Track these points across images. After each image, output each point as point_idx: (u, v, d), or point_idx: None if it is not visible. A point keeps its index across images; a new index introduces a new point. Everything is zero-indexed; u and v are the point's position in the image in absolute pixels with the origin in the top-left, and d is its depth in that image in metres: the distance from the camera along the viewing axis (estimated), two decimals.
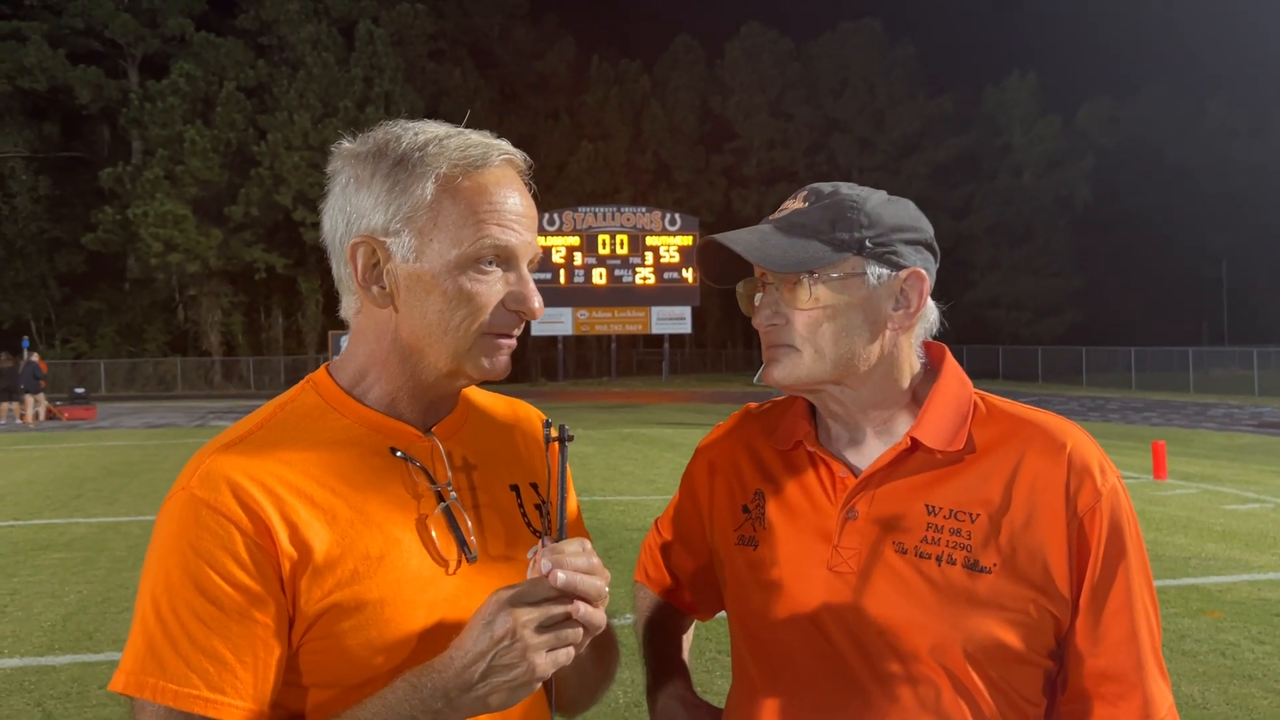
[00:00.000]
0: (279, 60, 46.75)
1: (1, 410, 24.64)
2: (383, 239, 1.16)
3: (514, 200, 1.19)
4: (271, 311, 47.92)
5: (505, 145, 1.20)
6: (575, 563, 1.07)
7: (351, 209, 1.18)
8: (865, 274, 1.26)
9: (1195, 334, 56.15)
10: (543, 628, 1.03)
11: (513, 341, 1.22)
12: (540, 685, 1.09)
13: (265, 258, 44.08)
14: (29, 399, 24.79)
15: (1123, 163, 57.26)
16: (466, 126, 1.22)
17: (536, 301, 1.21)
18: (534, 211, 1.23)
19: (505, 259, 1.18)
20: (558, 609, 1.04)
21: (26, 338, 29.13)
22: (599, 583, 1.08)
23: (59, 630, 6.13)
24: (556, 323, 40.12)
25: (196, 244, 41.87)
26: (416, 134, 1.18)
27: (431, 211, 1.15)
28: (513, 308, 1.19)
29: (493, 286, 1.18)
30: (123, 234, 42.13)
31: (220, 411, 28.59)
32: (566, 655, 1.05)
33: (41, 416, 25.20)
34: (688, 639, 1.63)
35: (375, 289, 1.18)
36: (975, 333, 52.43)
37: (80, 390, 27.62)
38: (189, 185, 42.37)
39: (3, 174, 43.78)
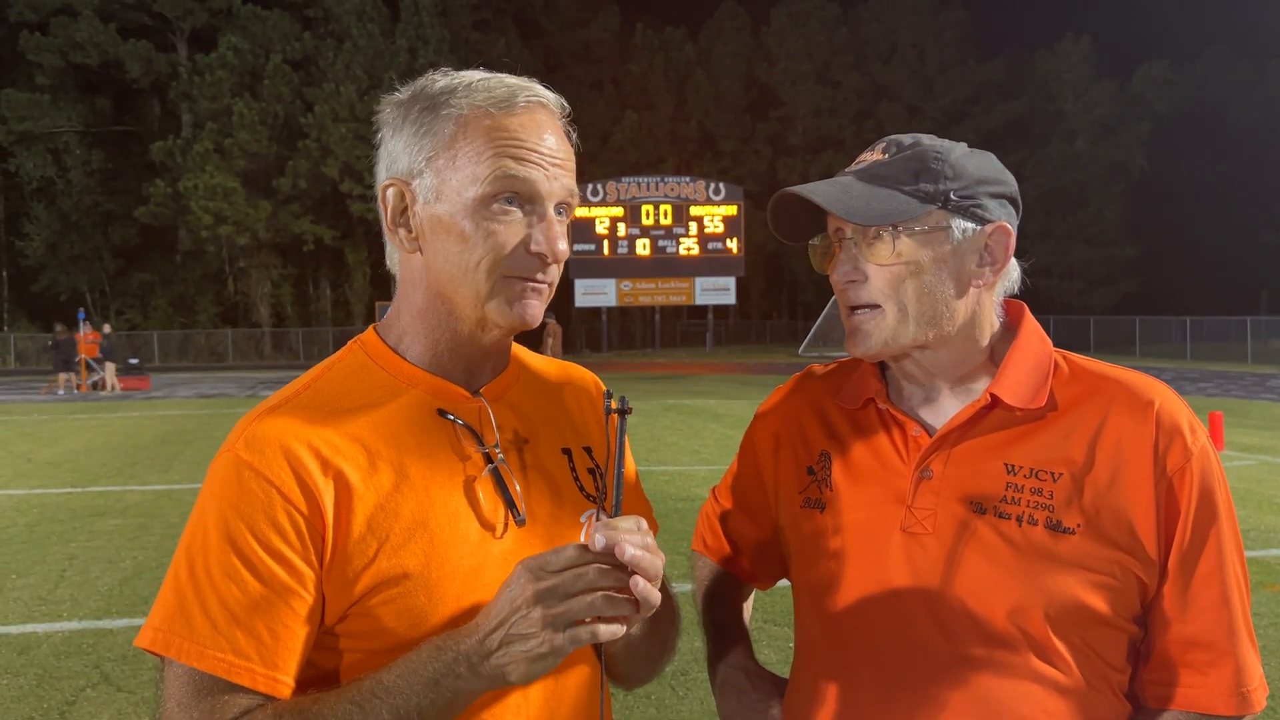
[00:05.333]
0: (325, 32, 46.98)
1: (59, 380, 25.20)
2: (408, 181, 1.15)
3: (538, 138, 1.14)
4: (320, 283, 48.48)
5: (536, 88, 1.17)
6: (631, 539, 1.03)
7: (388, 156, 1.18)
8: (950, 228, 1.21)
9: (1254, 303, 54.76)
10: (562, 599, 0.98)
11: (541, 286, 1.17)
12: (591, 659, 1.03)
13: (313, 229, 44.52)
14: (110, 366, 25.55)
15: (1180, 128, 55.70)
16: None
17: (560, 243, 1.15)
18: (568, 153, 1.18)
19: (527, 197, 1.13)
20: (582, 576, 0.98)
21: (82, 309, 29.70)
22: (658, 562, 1.04)
23: (116, 594, 6.25)
24: (600, 294, 40.10)
25: (245, 216, 42.40)
26: (452, 79, 1.17)
27: (450, 150, 1.13)
28: (534, 250, 1.14)
29: (511, 227, 1.13)
30: (174, 207, 42.77)
31: (271, 382, 28.99)
32: (590, 633, 0.99)
33: (104, 387, 25.79)
34: (748, 608, 1.58)
35: (403, 232, 1.17)
36: (1026, 303, 51.24)
37: (135, 361, 28.11)
38: (238, 158, 42.85)
39: (57, 148, 44.57)
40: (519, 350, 1.32)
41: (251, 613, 1.04)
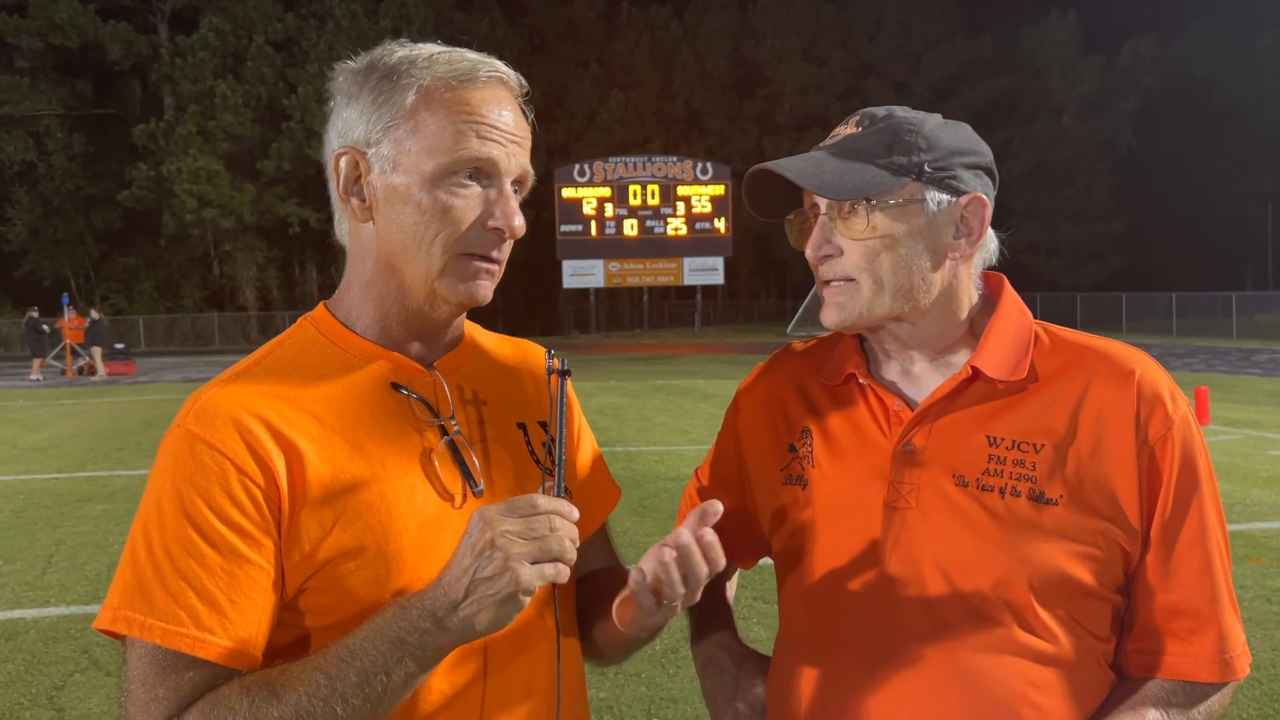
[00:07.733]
0: (307, 13, 46.54)
1: (35, 366, 25.01)
2: (364, 149, 1.14)
3: (498, 115, 1.14)
4: (305, 266, 48.24)
5: (496, 63, 1.16)
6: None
7: (341, 124, 1.17)
8: (925, 200, 1.19)
9: (1240, 278, 55.05)
10: (524, 539, 0.98)
11: (494, 266, 1.16)
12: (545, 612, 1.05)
13: (298, 212, 44.23)
14: (98, 350, 25.27)
15: (1167, 104, 55.78)
16: None
17: (517, 219, 1.15)
18: (525, 131, 1.17)
19: (486, 173, 1.13)
20: (539, 520, 0.99)
21: (66, 294, 29.46)
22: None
23: (103, 579, 6.22)
24: (588, 275, 40.03)
25: (230, 199, 42.08)
26: (410, 50, 1.15)
27: (410, 121, 1.12)
28: (491, 225, 1.14)
29: (470, 202, 1.12)
30: (157, 190, 42.41)
31: None
32: (556, 570, 1.00)
33: (92, 372, 25.57)
34: (731, 586, 1.57)
35: (355, 201, 1.16)
36: (1013, 279, 48.08)
37: (120, 346, 27.90)
38: (221, 140, 42.49)
39: (39, 132, 44.14)
40: (472, 327, 1.32)
41: (212, 586, 1.03)
